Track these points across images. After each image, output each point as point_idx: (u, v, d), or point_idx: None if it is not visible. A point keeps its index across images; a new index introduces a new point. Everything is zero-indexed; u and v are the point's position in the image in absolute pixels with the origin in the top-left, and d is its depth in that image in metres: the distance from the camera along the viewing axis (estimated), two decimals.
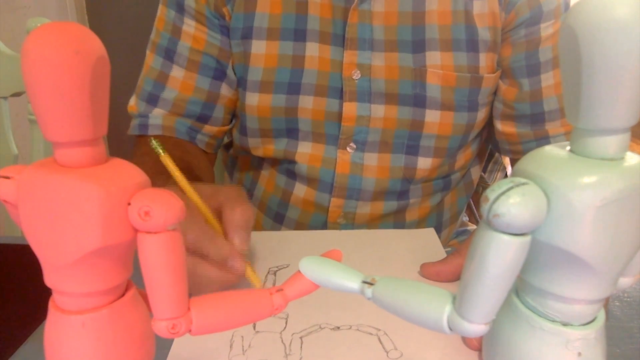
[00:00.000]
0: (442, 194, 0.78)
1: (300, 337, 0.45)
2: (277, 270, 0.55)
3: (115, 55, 0.38)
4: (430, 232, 0.63)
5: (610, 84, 0.24)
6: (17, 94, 0.97)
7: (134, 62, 0.94)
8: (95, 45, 0.23)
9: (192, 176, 0.55)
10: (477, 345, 0.42)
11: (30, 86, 0.22)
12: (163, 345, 0.43)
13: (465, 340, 0.43)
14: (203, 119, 0.74)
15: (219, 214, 0.49)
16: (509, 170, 0.97)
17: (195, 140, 0.74)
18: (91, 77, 0.23)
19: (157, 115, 0.72)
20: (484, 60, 0.69)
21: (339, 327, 0.46)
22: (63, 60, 0.22)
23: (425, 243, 0.61)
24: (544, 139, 0.71)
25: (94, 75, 0.23)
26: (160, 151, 0.48)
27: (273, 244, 0.60)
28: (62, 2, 1.97)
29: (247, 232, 0.48)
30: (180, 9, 0.71)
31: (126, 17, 2.08)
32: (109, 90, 0.24)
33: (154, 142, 0.48)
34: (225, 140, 0.88)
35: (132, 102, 0.75)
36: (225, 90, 0.73)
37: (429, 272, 0.53)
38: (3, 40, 0.94)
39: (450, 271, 0.52)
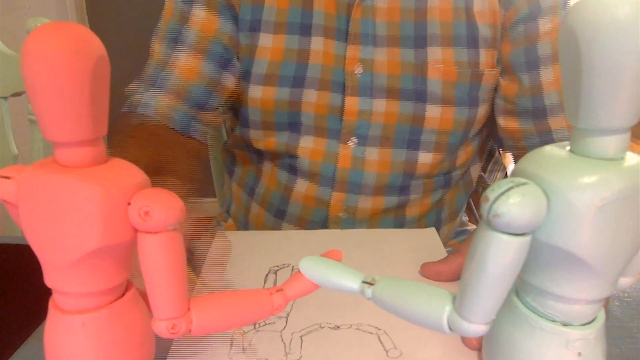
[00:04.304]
0: (443, 191, 0.79)
1: (301, 336, 0.45)
2: (277, 270, 0.55)
3: (115, 55, 0.38)
4: (431, 232, 0.63)
5: (610, 83, 0.24)
6: (17, 94, 0.97)
7: (134, 62, 0.94)
8: (95, 45, 0.23)
9: (166, 171, 0.54)
10: (476, 345, 0.42)
11: (30, 86, 0.22)
12: (163, 345, 0.43)
13: (465, 340, 0.43)
14: (200, 105, 0.71)
15: (189, 252, 0.52)
16: (509, 170, 0.98)
17: (189, 129, 0.72)
18: (91, 77, 0.23)
19: (152, 96, 0.70)
20: (484, 56, 0.69)
21: (339, 326, 0.46)
22: (63, 60, 0.22)
23: (426, 243, 0.60)
24: (546, 134, 0.71)
25: (94, 75, 0.23)
26: None
27: (274, 244, 0.60)
28: (62, 2, 1.97)
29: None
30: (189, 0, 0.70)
31: (126, 17, 2.08)
32: (109, 90, 0.24)
33: None
34: (224, 138, 0.87)
35: (134, 86, 0.73)
36: (226, 80, 0.72)
37: (430, 272, 0.53)
38: (3, 40, 0.94)
39: (451, 271, 0.52)
